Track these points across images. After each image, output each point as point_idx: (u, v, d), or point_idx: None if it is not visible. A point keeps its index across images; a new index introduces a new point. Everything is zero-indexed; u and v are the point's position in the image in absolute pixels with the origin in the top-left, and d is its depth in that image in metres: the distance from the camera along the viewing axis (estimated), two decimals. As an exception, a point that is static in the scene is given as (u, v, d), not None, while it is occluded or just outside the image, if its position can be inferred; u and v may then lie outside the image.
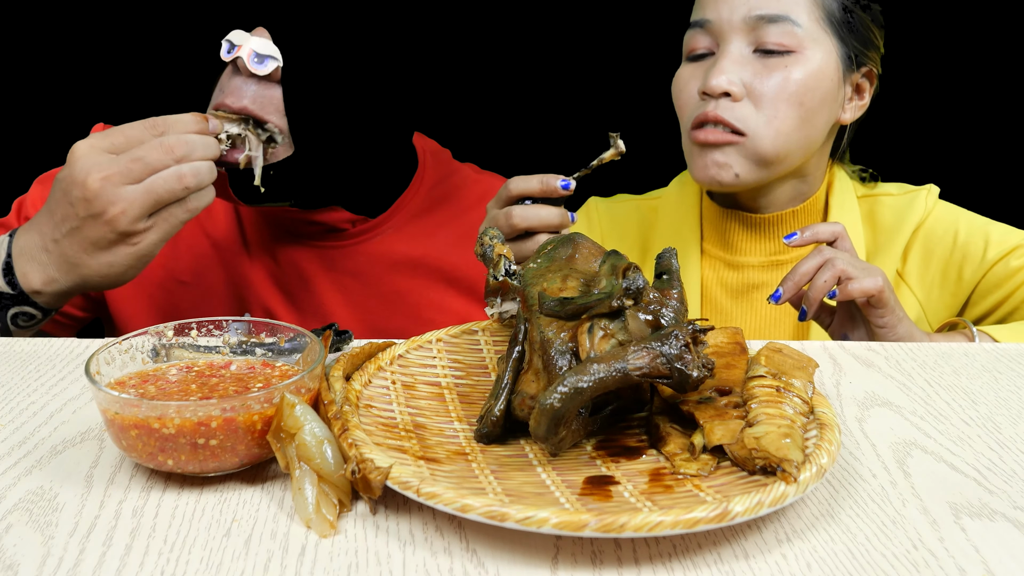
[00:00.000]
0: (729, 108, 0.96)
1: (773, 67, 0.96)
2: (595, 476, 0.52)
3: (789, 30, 0.95)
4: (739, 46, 0.97)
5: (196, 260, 1.07)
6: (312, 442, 0.51)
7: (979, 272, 1.01)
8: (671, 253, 0.61)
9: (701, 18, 0.99)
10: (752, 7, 0.96)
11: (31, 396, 0.67)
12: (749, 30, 0.96)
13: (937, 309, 1.04)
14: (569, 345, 0.55)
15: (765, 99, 0.96)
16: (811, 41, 0.96)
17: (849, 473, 0.56)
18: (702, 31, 1.00)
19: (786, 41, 0.95)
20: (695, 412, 0.56)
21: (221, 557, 0.46)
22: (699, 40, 1.00)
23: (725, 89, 0.95)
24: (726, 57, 0.96)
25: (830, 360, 0.76)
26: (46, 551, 0.47)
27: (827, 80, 0.97)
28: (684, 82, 1.01)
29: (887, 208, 1.06)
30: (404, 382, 0.64)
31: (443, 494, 0.46)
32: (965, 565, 0.46)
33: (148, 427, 0.51)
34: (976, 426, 0.63)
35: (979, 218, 1.05)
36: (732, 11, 0.97)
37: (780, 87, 0.95)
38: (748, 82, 0.96)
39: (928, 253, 1.04)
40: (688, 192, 1.13)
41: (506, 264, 0.67)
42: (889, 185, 1.10)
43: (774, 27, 0.95)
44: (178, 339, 0.64)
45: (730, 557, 0.47)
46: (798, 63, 0.96)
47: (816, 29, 0.97)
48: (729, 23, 0.97)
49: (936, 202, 1.06)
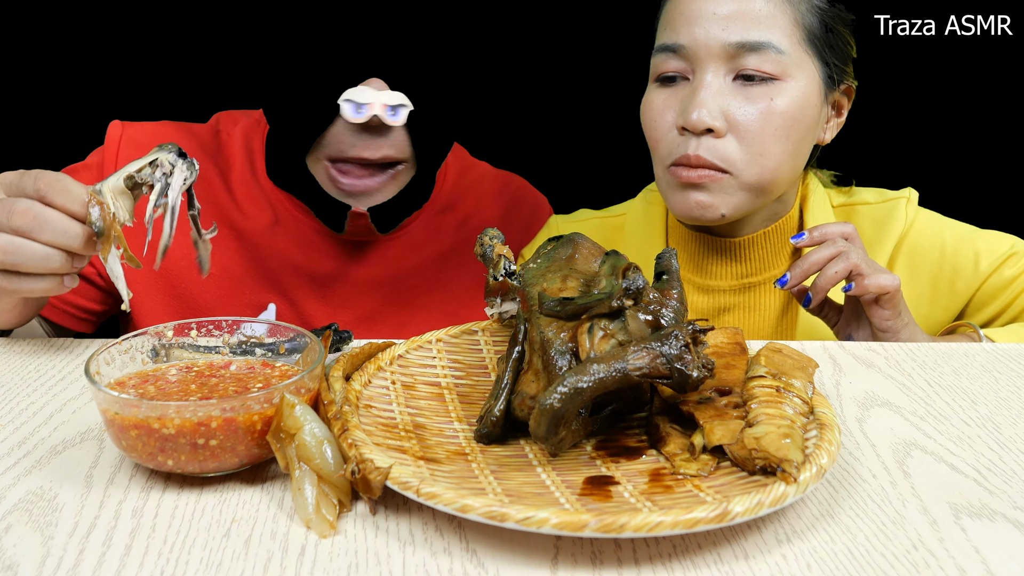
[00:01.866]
0: (712, 147, 0.88)
1: (755, 97, 0.88)
2: (595, 476, 0.52)
3: (771, 57, 0.87)
4: (717, 74, 0.88)
5: (218, 248, 1.05)
6: (312, 442, 0.51)
7: (973, 285, 0.98)
8: (671, 253, 0.61)
9: (673, 42, 0.90)
10: (731, 33, 0.87)
11: (31, 396, 0.67)
12: (728, 57, 0.87)
13: (929, 324, 1.01)
14: (569, 345, 0.55)
15: (750, 135, 0.88)
16: (794, 67, 0.88)
17: (849, 473, 0.56)
18: (674, 55, 0.90)
19: (768, 68, 0.87)
20: (695, 412, 0.56)
21: (221, 557, 0.46)
22: (670, 63, 0.91)
23: (708, 125, 0.87)
24: (705, 88, 0.87)
25: (830, 360, 0.76)
26: (46, 551, 0.47)
27: (811, 107, 0.90)
28: (658, 111, 0.92)
29: (865, 218, 1.01)
30: (404, 382, 0.64)
31: (443, 494, 0.46)
32: (965, 565, 0.46)
33: (148, 427, 0.51)
34: (976, 426, 0.63)
35: (963, 226, 1.00)
36: (709, 37, 0.87)
37: (765, 121, 0.88)
38: (730, 114, 0.88)
39: (914, 268, 1.00)
40: (654, 212, 1.06)
41: (506, 264, 0.67)
42: (865, 191, 1.04)
43: (754, 55, 0.87)
44: (178, 339, 0.64)
45: (730, 557, 0.46)
46: (782, 92, 0.88)
47: (798, 52, 0.89)
48: (706, 49, 0.87)
49: (917, 211, 1.01)
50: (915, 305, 1.00)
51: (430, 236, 1.11)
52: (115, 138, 1.04)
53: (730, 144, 0.88)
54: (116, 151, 1.03)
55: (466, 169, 1.17)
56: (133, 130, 1.05)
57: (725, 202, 0.90)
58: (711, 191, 0.89)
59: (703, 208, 0.90)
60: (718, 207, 0.90)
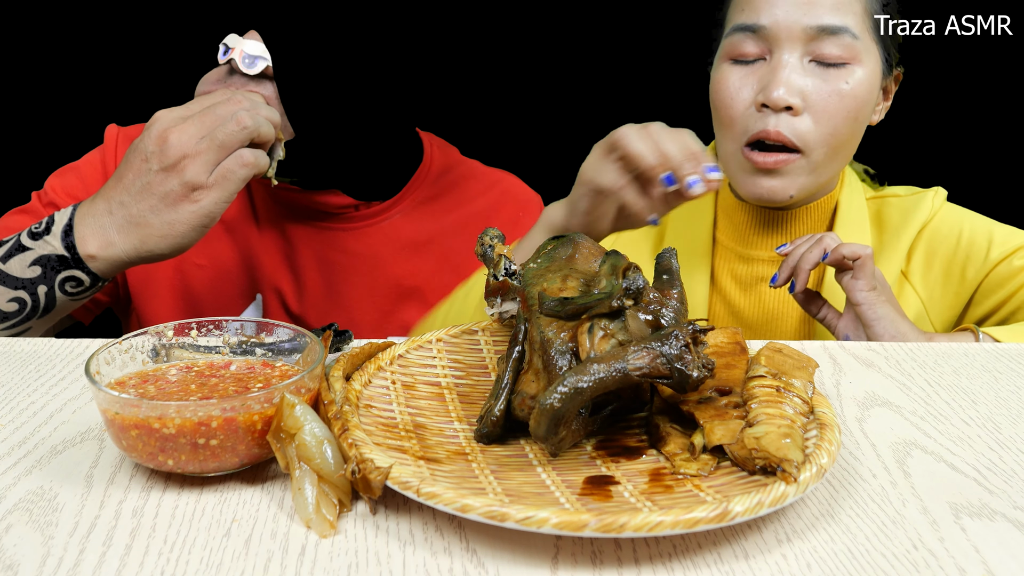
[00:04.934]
0: (790, 124, 0.93)
1: (831, 79, 0.93)
2: (595, 476, 0.52)
3: (848, 42, 0.93)
4: (796, 55, 0.94)
5: (210, 243, 1.11)
6: (312, 442, 0.51)
7: (982, 272, 1.01)
8: (671, 253, 0.61)
9: (753, 23, 0.95)
10: (811, 16, 0.92)
11: (31, 396, 0.67)
12: (807, 40, 0.93)
13: (940, 309, 1.04)
14: (569, 345, 0.55)
15: (825, 114, 0.93)
16: (864, 52, 0.94)
17: (849, 473, 0.56)
18: (754, 36, 0.95)
19: (844, 53, 0.93)
20: (695, 412, 0.56)
21: (221, 557, 0.46)
22: (748, 45, 0.96)
23: (789, 103, 0.92)
24: (786, 67, 0.93)
25: (830, 360, 0.76)
26: (46, 551, 0.47)
27: (874, 91, 0.97)
28: (735, 88, 0.97)
29: (894, 208, 1.06)
30: (404, 382, 0.64)
31: (443, 494, 0.46)
32: (965, 565, 0.46)
33: (148, 427, 0.51)
34: (976, 426, 0.63)
35: (984, 219, 1.04)
36: (790, 19, 0.93)
37: (839, 103, 0.93)
38: (807, 93, 0.93)
39: (931, 252, 1.04)
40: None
41: (506, 264, 0.67)
42: (897, 188, 1.10)
43: (833, 38, 0.92)
44: (178, 339, 0.64)
45: (730, 557, 0.47)
46: (853, 75, 0.94)
47: (867, 39, 0.95)
48: (787, 31, 0.93)
49: (943, 203, 1.06)
50: (929, 289, 1.04)
51: (409, 226, 1.14)
52: (112, 139, 1.11)
53: (806, 122, 0.94)
54: (115, 150, 1.10)
55: (452, 165, 1.19)
56: (128, 131, 1.12)
57: (794, 183, 0.96)
58: (783, 175, 0.95)
59: (773, 192, 0.96)
60: (787, 189, 0.96)
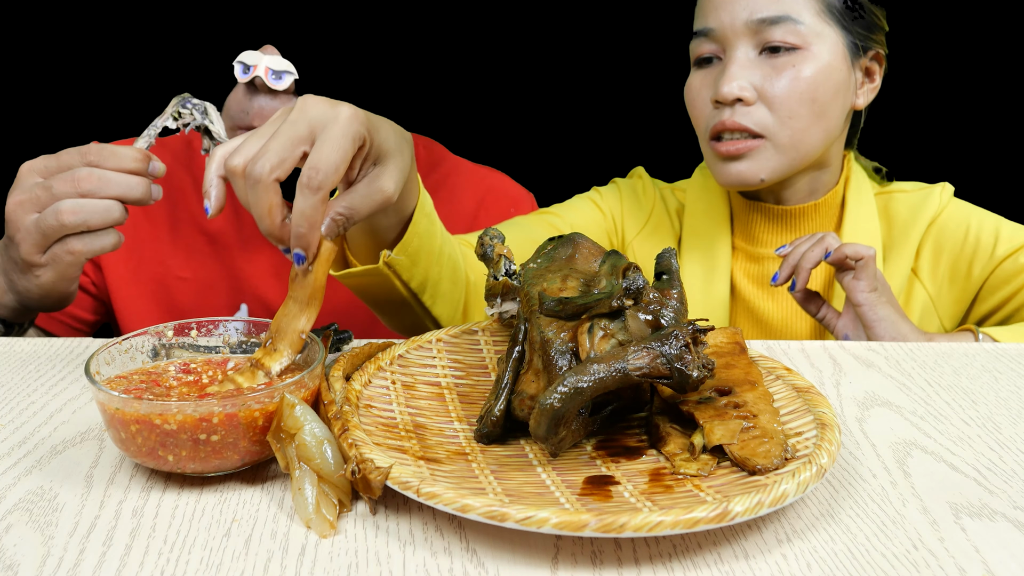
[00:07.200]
0: (745, 113, 0.98)
1: (781, 67, 0.97)
2: (595, 476, 0.52)
3: (792, 29, 0.97)
4: (745, 50, 0.98)
5: (193, 255, 1.10)
6: (312, 442, 0.51)
7: (988, 268, 1.02)
8: (671, 253, 0.61)
9: (704, 27, 1.01)
10: (753, 11, 0.97)
11: (31, 396, 0.67)
12: (752, 33, 0.98)
13: (947, 304, 1.05)
14: (569, 345, 0.55)
15: (778, 100, 0.97)
16: (815, 36, 0.98)
17: (849, 473, 0.56)
18: (706, 39, 1.01)
19: (790, 39, 0.97)
20: (695, 412, 0.56)
21: (221, 557, 0.46)
22: (704, 47, 1.02)
23: (737, 95, 0.97)
24: (734, 63, 0.98)
25: (830, 360, 0.76)
26: (46, 551, 0.47)
27: (836, 71, 0.99)
28: (696, 91, 1.03)
29: (901, 204, 1.08)
30: (404, 382, 0.64)
31: (443, 494, 0.46)
32: (965, 565, 0.46)
33: (150, 423, 0.51)
34: (976, 426, 0.63)
35: (991, 215, 1.06)
36: (733, 17, 0.98)
37: (791, 87, 0.97)
38: (759, 85, 0.98)
39: (939, 248, 1.05)
40: (712, 183, 1.13)
41: (506, 264, 0.67)
42: (904, 183, 1.11)
43: (777, 28, 0.97)
44: (178, 339, 0.64)
45: (730, 557, 0.47)
46: (805, 60, 0.97)
47: (818, 23, 0.98)
48: (732, 29, 0.98)
49: (950, 199, 1.07)
50: (937, 285, 1.05)
51: None
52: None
53: (761, 111, 0.98)
54: None
55: (438, 162, 1.19)
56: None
57: (763, 167, 0.99)
58: (749, 159, 0.99)
59: (742, 176, 1.00)
60: (757, 172, 0.99)
